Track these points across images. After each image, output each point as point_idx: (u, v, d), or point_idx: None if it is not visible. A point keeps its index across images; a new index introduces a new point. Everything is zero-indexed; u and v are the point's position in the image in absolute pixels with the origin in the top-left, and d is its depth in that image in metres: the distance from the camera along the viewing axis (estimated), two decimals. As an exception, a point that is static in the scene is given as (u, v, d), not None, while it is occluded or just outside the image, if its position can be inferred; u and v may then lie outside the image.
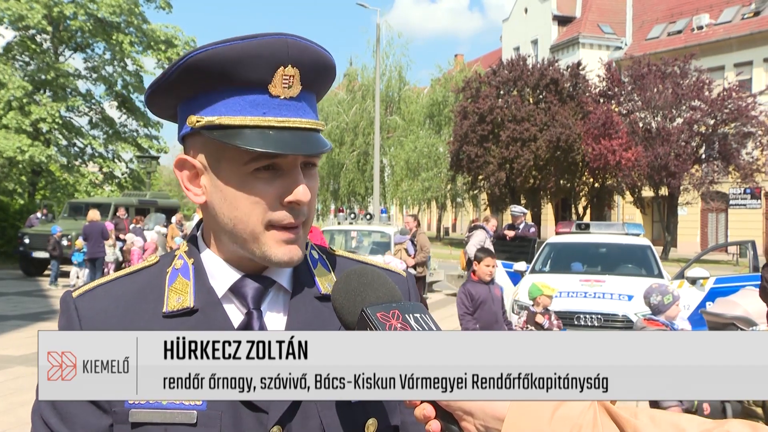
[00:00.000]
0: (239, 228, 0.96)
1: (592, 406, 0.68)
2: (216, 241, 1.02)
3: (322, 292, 1.04)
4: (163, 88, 0.98)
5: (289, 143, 0.92)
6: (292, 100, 0.95)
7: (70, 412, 0.94)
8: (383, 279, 0.89)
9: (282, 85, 0.93)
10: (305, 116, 0.96)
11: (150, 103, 1.04)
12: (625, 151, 25.08)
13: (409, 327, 0.80)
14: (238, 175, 0.94)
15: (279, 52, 0.91)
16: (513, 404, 0.71)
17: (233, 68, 0.91)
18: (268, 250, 0.96)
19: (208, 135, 0.94)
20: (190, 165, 1.00)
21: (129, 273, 1.05)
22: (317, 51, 0.96)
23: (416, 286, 1.16)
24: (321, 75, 0.99)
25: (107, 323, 0.97)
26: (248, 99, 0.93)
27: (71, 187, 26.91)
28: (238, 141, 0.91)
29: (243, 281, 1.01)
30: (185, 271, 1.02)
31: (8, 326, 10.24)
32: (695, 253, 26.79)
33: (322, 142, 0.98)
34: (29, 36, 23.11)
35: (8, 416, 5.86)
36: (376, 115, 26.75)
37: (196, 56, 0.91)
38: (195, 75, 0.93)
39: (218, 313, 0.98)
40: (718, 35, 33.61)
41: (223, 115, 0.93)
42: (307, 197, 0.95)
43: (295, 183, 0.95)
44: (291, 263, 0.98)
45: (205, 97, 0.95)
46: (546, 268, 9.51)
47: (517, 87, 31.03)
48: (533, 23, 44.44)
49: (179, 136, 1.02)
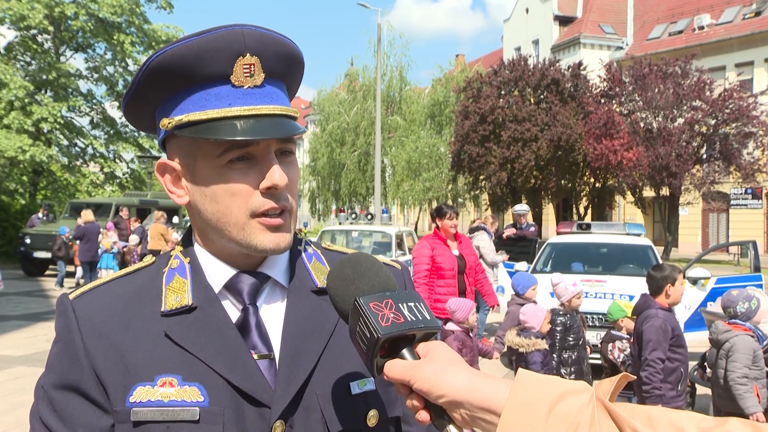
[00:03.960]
0: (223, 221, 0.96)
1: (590, 403, 0.67)
2: (204, 238, 1.03)
3: (318, 285, 1.04)
4: (135, 96, 0.99)
5: (257, 129, 0.93)
6: (257, 88, 0.95)
7: (70, 413, 0.94)
8: (378, 267, 0.88)
9: (243, 74, 0.94)
10: (272, 103, 0.96)
11: (128, 115, 1.05)
12: (626, 151, 25.04)
13: (402, 317, 0.80)
14: (214, 169, 0.95)
15: (236, 42, 0.92)
16: (509, 400, 0.70)
17: (194, 65, 0.92)
18: (254, 238, 0.96)
19: (180, 134, 0.95)
20: (170, 168, 1.01)
21: (126, 274, 1.05)
22: (276, 38, 0.96)
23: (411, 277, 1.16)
24: (284, 62, 0.99)
25: (105, 325, 0.97)
26: (212, 92, 0.94)
27: (72, 187, 26.98)
28: (208, 134, 0.92)
29: (238, 277, 1.01)
30: (182, 270, 1.02)
31: (9, 326, 10.25)
32: (696, 253, 26.76)
33: (292, 125, 0.97)
34: (30, 36, 23.12)
35: (9, 416, 5.86)
36: (377, 115, 26.75)
37: (156, 59, 0.93)
38: (159, 77, 0.94)
39: (217, 310, 0.98)
40: (719, 35, 33.57)
41: (191, 112, 0.94)
42: (283, 181, 0.95)
43: (270, 168, 0.95)
44: (278, 250, 0.98)
45: (174, 99, 0.96)
46: (547, 268, 9.51)
47: (518, 87, 30.99)
48: (534, 23, 44.41)
49: (159, 143, 1.03)
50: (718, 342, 4.61)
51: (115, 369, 0.94)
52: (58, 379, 0.95)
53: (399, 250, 12.68)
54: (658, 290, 4.41)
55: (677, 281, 4.37)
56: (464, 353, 5.20)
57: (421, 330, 0.80)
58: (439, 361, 0.77)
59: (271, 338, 0.98)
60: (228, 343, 0.95)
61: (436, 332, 0.83)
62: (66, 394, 0.94)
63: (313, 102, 43.52)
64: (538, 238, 11.69)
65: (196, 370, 0.93)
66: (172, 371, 0.93)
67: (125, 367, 0.93)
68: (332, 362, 0.99)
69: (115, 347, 0.95)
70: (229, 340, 0.95)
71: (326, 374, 0.97)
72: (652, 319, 4.26)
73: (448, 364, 0.77)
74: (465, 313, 5.22)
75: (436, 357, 0.78)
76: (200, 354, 0.94)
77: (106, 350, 0.95)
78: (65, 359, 0.96)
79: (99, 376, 0.94)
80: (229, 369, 0.93)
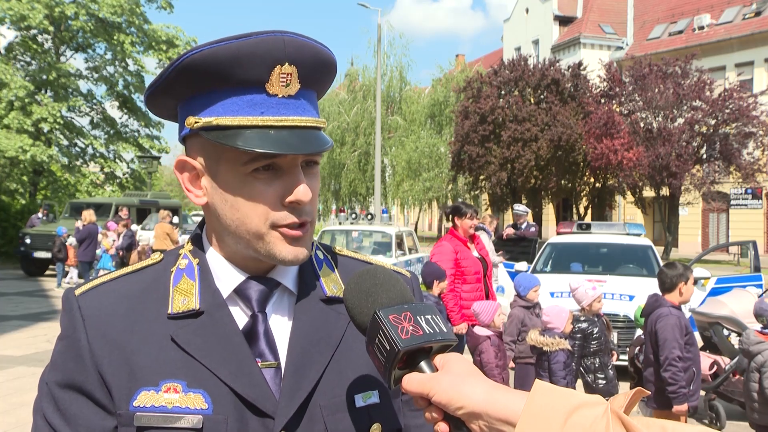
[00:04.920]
0: (242, 229, 0.95)
1: (605, 414, 0.68)
2: (219, 241, 1.01)
3: (327, 294, 1.03)
4: (161, 89, 0.97)
5: (288, 142, 0.91)
6: (291, 98, 0.93)
7: (74, 413, 0.93)
8: (394, 280, 0.88)
9: (280, 83, 0.91)
10: (304, 114, 0.95)
11: (150, 104, 1.02)
12: (626, 151, 25.04)
13: (421, 329, 0.80)
14: (238, 176, 0.93)
15: (275, 50, 0.90)
16: (525, 409, 0.70)
17: (230, 68, 0.90)
18: (273, 249, 0.95)
19: (206, 136, 0.93)
20: (190, 166, 0.99)
21: (133, 271, 1.04)
22: (315, 47, 0.94)
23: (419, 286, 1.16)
24: (320, 72, 0.97)
25: (110, 323, 0.96)
26: (246, 99, 0.92)
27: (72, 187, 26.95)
28: (237, 142, 0.90)
29: (247, 283, 1.00)
30: (190, 272, 1.01)
31: (9, 326, 10.24)
32: (696, 253, 26.76)
33: (322, 140, 0.96)
34: (31, 36, 23.11)
35: (9, 417, 5.85)
36: (377, 115, 26.75)
37: (192, 56, 0.90)
38: (192, 76, 0.92)
39: (224, 316, 0.97)
40: (719, 35, 33.57)
41: (221, 116, 0.92)
42: (308, 197, 0.94)
43: (296, 182, 0.93)
44: (296, 262, 0.97)
45: (203, 98, 0.94)
46: (547, 268, 9.51)
47: (518, 87, 31.01)
48: (534, 23, 44.41)
49: (180, 137, 1.01)
50: (750, 353, 4.55)
51: (120, 371, 0.93)
52: (62, 378, 0.95)
53: (399, 250, 12.68)
54: (671, 288, 4.33)
55: (689, 280, 4.33)
56: (499, 357, 5.16)
57: (438, 342, 0.81)
58: (456, 373, 0.78)
59: (277, 346, 0.98)
60: (234, 351, 0.94)
61: (453, 344, 0.83)
62: (70, 394, 0.94)
63: (313, 102, 43.49)
64: (539, 238, 11.69)
65: (200, 376, 0.93)
66: (177, 377, 0.92)
67: (130, 370, 0.93)
68: (338, 373, 0.98)
69: (121, 349, 0.94)
70: (234, 347, 0.95)
71: (331, 386, 0.97)
72: (665, 318, 4.19)
73: (466, 376, 0.78)
74: (490, 315, 5.16)
75: (453, 369, 0.79)
76: (205, 360, 0.93)
77: (111, 351, 0.94)
78: (70, 358, 0.95)
79: (103, 377, 0.93)
80: (233, 377, 0.92)
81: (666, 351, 4.11)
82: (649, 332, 4.34)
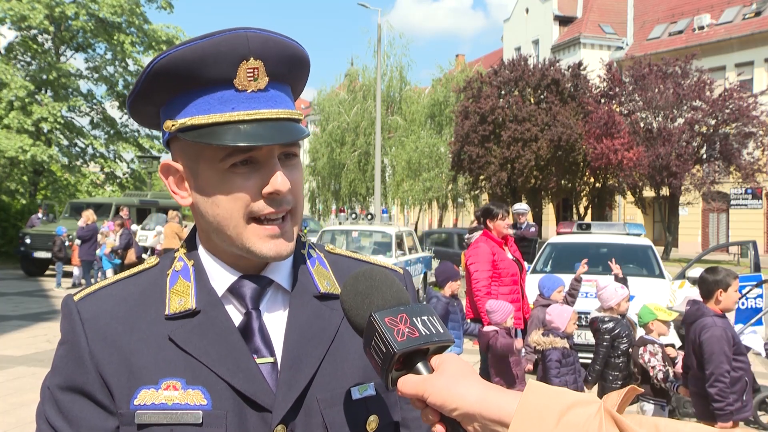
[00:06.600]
0: (223, 225, 0.97)
1: (598, 413, 0.68)
2: (208, 240, 1.03)
3: (320, 291, 1.04)
4: (139, 98, 0.99)
5: (260, 134, 0.93)
6: (261, 92, 0.95)
7: (76, 415, 0.95)
8: (391, 281, 0.89)
9: (247, 78, 0.93)
10: (276, 107, 0.96)
11: (133, 114, 1.05)
12: (626, 151, 25.04)
13: (417, 331, 0.81)
14: (217, 173, 0.95)
15: (239, 46, 0.92)
16: (518, 409, 0.70)
17: (197, 68, 0.92)
18: (252, 245, 0.97)
19: (183, 137, 0.95)
20: (174, 169, 1.01)
21: (130, 275, 1.06)
22: (281, 41, 0.96)
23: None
24: (288, 65, 0.98)
25: (110, 326, 0.98)
26: (216, 96, 0.94)
27: (72, 187, 26.97)
28: (211, 139, 0.92)
29: (241, 281, 1.01)
30: (185, 273, 1.02)
31: (9, 326, 10.24)
32: (696, 253, 26.77)
33: (296, 130, 0.97)
34: (31, 36, 23.14)
35: (9, 417, 5.85)
36: (377, 115, 26.74)
37: (160, 62, 0.93)
38: (163, 80, 0.95)
39: (220, 314, 0.99)
40: (719, 35, 33.58)
41: (195, 116, 0.94)
42: (285, 186, 0.95)
43: (272, 173, 0.95)
44: (279, 257, 0.98)
45: (177, 101, 0.96)
46: (547, 268, 9.51)
47: (518, 87, 30.99)
48: (534, 23, 44.42)
49: (163, 143, 1.04)
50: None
51: (120, 372, 0.95)
52: (63, 381, 0.96)
53: (399, 250, 12.69)
54: (707, 295, 4.09)
55: (731, 287, 4.02)
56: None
57: (435, 343, 0.81)
58: (451, 374, 0.78)
59: (273, 342, 0.99)
60: (231, 347, 0.96)
61: (450, 345, 0.84)
62: (72, 396, 0.95)
63: (313, 102, 43.52)
64: (539, 238, 11.69)
65: (199, 373, 0.94)
66: (176, 375, 0.94)
67: (130, 370, 0.95)
68: (333, 367, 0.99)
69: (120, 350, 0.96)
70: (231, 344, 0.96)
71: (327, 379, 0.98)
72: (710, 329, 3.90)
73: (461, 377, 0.78)
74: (504, 316, 5.21)
75: (447, 370, 0.79)
76: (203, 358, 0.95)
77: (111, 353, 0.96)
78: (71, 362, 0.97)
79: (104, 378, 0.95)
80: (231, 373, 0.94)
81: (712, 366, 3.84)
82: (692, 341, 4.07)
